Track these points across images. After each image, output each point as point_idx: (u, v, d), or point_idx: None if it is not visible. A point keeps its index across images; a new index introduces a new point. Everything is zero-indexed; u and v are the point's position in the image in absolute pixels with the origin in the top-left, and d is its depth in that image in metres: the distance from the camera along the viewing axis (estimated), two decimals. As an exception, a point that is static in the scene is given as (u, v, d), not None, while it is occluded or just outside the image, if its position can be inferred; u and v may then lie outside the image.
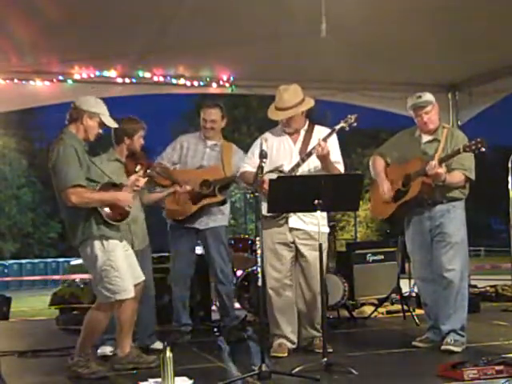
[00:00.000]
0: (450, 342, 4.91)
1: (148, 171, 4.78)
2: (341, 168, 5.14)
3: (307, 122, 5.25)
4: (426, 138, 5.14)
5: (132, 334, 4.76)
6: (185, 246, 5.93)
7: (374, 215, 5.64)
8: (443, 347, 4.92)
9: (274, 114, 5.16)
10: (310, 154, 5.01)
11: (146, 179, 4.76)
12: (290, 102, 5.06)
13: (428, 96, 5.10)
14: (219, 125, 5.92)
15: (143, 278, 4.72)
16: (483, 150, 4.71)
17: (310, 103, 5.13)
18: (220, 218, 5.92)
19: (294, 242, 5.09)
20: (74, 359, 4.45)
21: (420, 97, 5.08)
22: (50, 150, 4.50)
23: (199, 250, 6.33)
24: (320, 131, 5.19)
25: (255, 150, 4.99)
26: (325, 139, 4.93)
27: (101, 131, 4.62)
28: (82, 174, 4.37)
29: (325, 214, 5.12)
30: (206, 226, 5.86)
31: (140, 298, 4.75)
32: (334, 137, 5.07)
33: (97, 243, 4.41)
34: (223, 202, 5.91)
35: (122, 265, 4.47)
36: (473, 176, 5.00)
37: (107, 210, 4.45)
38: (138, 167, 4.69)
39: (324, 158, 4.94)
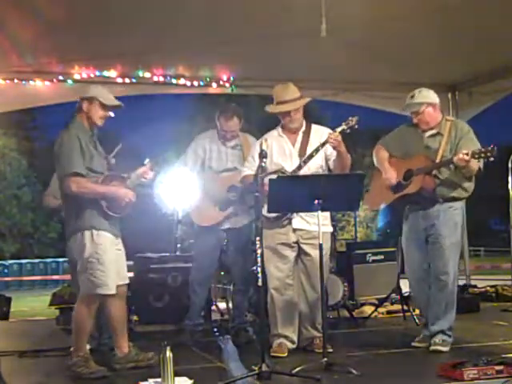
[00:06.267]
0: (439, 342, 4.95)
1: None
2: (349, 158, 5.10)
3: (304, 123, 5.25)
4: (429, 131, 5.09)
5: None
6: (211, 244, 5.79)
7: (368, 205, 5.55)
8: (432, 347, 4.95)
9: (278, 108, 5.13)
10: (311, 157, 5.01)
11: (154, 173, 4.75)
12: (293, 94, 5.10)
13: (421, 96, 5.04)
14: (238, 129, 5.80)
15: (127, 280, 4.72)
16: (492, 159, 4.63)
17: (307, 98, 5.17)
18: (247, 218, 5.77)
19: (297, 242, 5.09)
20: (73, 359, 4.44)
21: (413, 96, 5.05)
22: (56, 140, 4.54)
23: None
24: (318, 130, 5.20)
25: (255, 153, 4.99)
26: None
27: (112, 114, 4.62)
28: (82, 163, 4.41)
29: (327, 214, 5.12)
30: (234, 225, 5.75)
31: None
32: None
33: (87, 234, 4.43)
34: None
35: (109, 260, 4.46)
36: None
37: (107, 202, 4.46)
38: (147, 160, 4.69)
39: (339, 145, 4.89)
